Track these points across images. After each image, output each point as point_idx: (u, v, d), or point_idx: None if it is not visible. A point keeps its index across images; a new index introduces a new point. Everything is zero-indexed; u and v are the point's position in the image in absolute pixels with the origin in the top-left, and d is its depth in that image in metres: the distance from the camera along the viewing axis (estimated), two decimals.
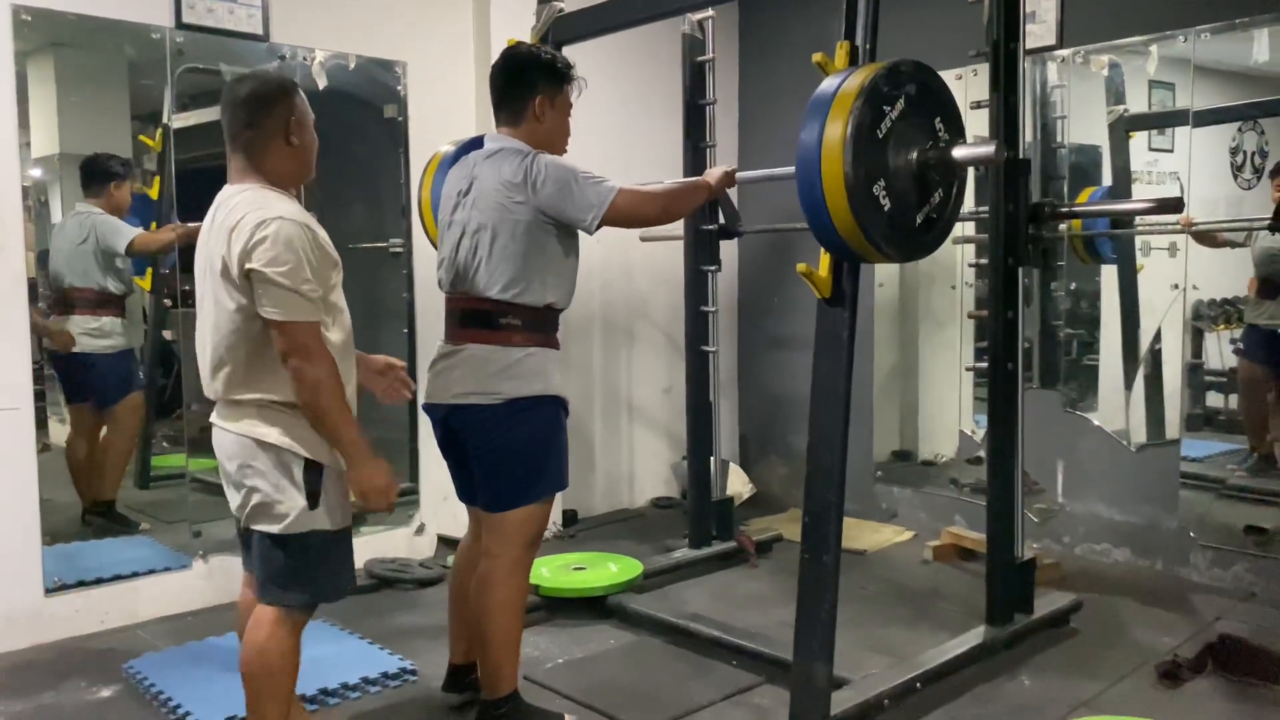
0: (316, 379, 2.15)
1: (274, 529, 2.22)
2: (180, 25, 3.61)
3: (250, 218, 2.13)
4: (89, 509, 3.77)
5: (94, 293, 3.70)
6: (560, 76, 2.66)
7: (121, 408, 3.83)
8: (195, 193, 2.35)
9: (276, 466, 2.20)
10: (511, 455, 2.56)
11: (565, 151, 2.72)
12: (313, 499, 2.22)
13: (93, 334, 3.62)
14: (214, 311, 2.21)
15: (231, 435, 2.23)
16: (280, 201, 2.21)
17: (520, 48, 2.73)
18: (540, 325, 2.58)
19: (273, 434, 2.19)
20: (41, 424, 3.46)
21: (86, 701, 2.98)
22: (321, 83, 4.03)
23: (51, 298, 3.64)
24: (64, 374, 3.70)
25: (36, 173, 3.56)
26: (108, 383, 3.61)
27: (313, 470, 2.22)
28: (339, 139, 4.38)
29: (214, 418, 2.30)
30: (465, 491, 2.77)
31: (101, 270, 3.73)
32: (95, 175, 3.74)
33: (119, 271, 3.79)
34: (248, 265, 2.11)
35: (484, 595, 2.59)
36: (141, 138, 3.83)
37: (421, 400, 2.71)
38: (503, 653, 2.61)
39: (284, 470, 2.20)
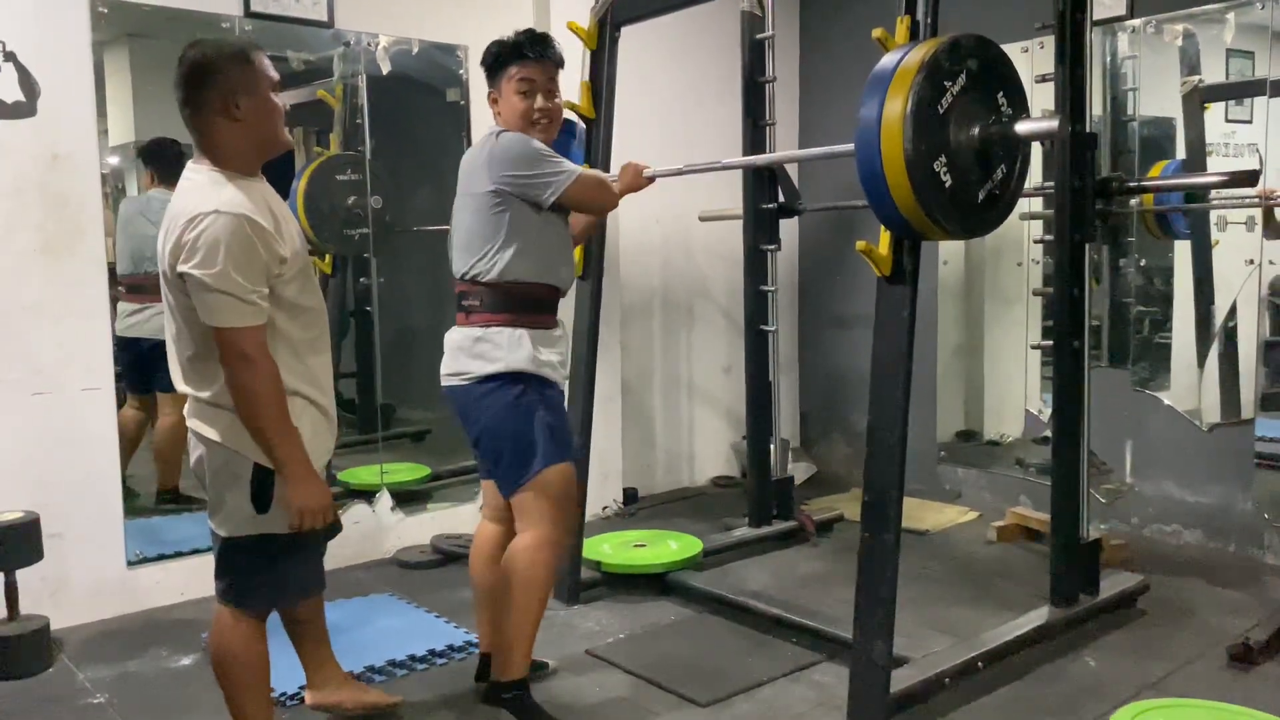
0: (251, 388, 2.01)
1: (222, 531, 2.18)
2: (249, 14, 3.70)
3: (183, 214, 2.00)
4: (158, 494, 3.91)
5: (146, 278, 3.74)
6: (490, 70, 2.71)
7: (166, 396, 3.82)
8: (265, 177, 2.44)
9: (223, 467, 2.13)
10: (495, 435, 2.60)
11: (536, 129, 2.66)
12: (261, 504, 2.12)
13: (143, 318, 3.69)
14: (166, 306, 2.14)
15: (190, 432, 2.17)
16: (223, 189, 2.04)
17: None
18: (504, 304, 2.57)
19: (214, 434, 2.10)
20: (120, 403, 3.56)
21: (168, 669, 3.10)
22: (385, 68, 4.11)
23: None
24: (120, 357, 3.69)
25: (114, 160, 3.69)
26: (157, 367, 3.67)
27: (262, 474, 2.11)
28: (403, 122, 4.48)
29: (186, 411, 2.21)
30: (482, 468, 2.82)
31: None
32: (167, 161, 3.74)
33: None
34: (179, 268, 1.99)
35: (507, 570, 2.60)
36: None
37: None
38: (518, 632, 2.58)
39: (230, 472, 2.12)
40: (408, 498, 4.31)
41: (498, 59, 2.69)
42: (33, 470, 3.32)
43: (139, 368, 3.76)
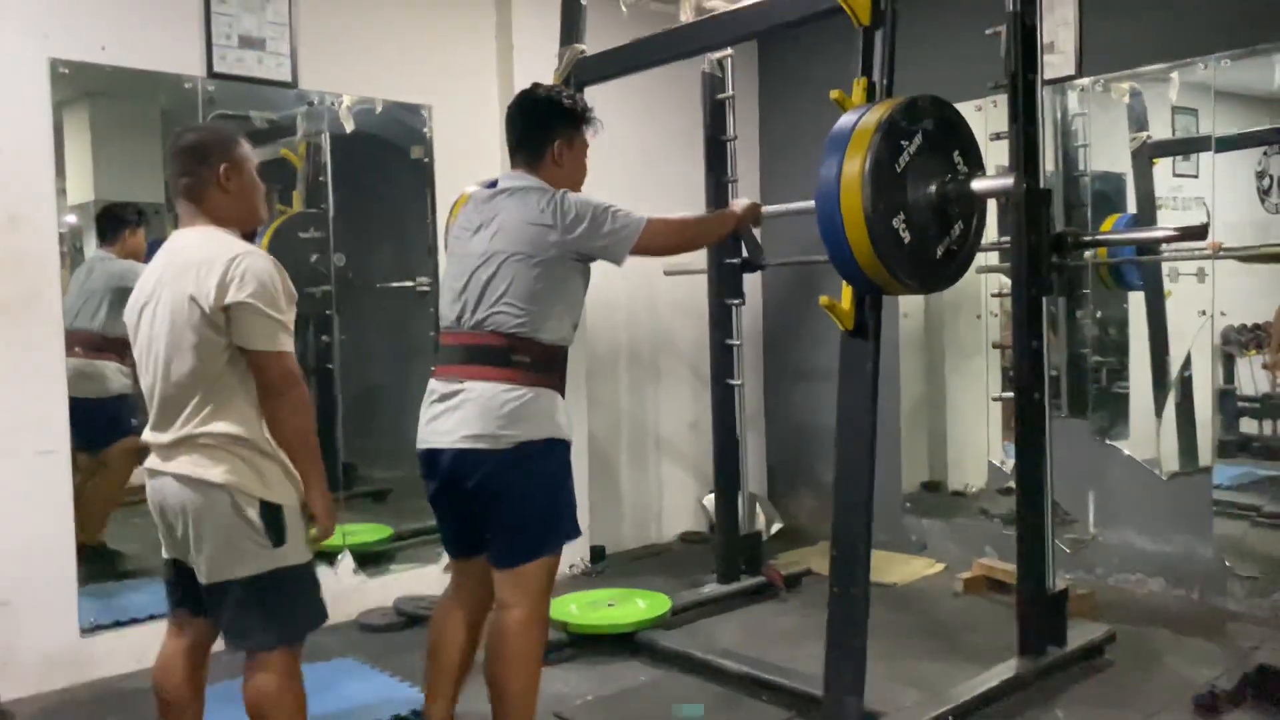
0: (301, 404, 2.21)
1: (245, 573, 2.18)
2: (211, 74, 3.70)
3: (220, 255, 2.15)
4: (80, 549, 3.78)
5: (93, 335, 3.65)
6: (577, 120, 2.65)
7: (112, 452, 3.72)
8: None
9: (231, 511, 2.16)
10: (525, 505, 2.46)
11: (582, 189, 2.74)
12: (277, 538, 2.19)
13: (86, 377, 3.62)
14: (168, 351, 2.17)
15: (175, 481, 2.18)
16: (237, 241, 2.24)
17: (538, 90, 2.68)
18: (548, 366, 2.50)
19: (217, 474, 2.15)
20: None
21: None
22: (349, 126, 4.12)
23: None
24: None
25: (72, 219, 3.64)
26: (94, 426, 3.61)
27: (270, 510, 2.18)
28: (366, 180, 4.49)
29: (154, 463, 2.24)
30: (461, 545, 2.65)
31: (106, 314, 3.70)
32: (109, 223, 3.77)
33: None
34: (228, 300, 2.11)
35: (502, 647, 2.49)
36: None
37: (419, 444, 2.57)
38: (521, 707, 2.52)
39: (239, 514, 2.16)
40: (370, 559, 4.24)
41: (587, 114, 2.67)
42: None
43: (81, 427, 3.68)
